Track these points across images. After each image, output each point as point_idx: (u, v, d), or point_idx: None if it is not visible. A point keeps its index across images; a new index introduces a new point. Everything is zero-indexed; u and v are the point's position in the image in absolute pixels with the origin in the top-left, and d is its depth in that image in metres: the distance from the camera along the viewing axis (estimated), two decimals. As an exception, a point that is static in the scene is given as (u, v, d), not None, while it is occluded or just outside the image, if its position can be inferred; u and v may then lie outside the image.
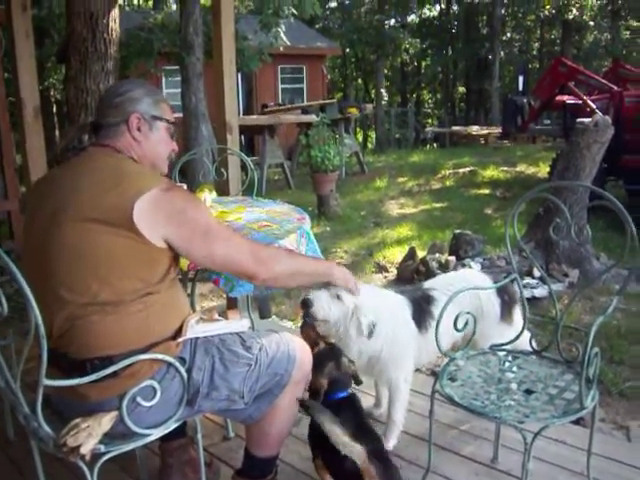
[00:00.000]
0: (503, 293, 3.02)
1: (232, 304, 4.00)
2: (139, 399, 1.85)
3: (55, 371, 1.83)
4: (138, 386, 1.85)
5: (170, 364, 1.92)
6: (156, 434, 1.96)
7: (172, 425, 1.99)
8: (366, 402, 3.22)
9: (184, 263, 2.28)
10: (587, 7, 28.23)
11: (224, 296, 5.04)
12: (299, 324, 2.59)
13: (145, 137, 2.06)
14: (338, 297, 2.49)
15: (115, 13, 4.95)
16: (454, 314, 2.34)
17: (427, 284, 3.08)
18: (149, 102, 2.07)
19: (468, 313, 2.37)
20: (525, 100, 12.93)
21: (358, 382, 2.42)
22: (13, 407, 2.00)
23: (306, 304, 2.48)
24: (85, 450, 1.77)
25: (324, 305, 2.48)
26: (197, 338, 2.05)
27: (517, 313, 3.09)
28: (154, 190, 1.84)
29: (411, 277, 6.42)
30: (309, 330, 2.43)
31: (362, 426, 2.21)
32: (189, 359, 2.01)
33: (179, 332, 1.99)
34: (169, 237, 1.88)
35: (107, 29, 4.84)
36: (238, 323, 2.21)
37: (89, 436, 1.79)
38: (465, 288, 2.68)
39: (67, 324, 1.83)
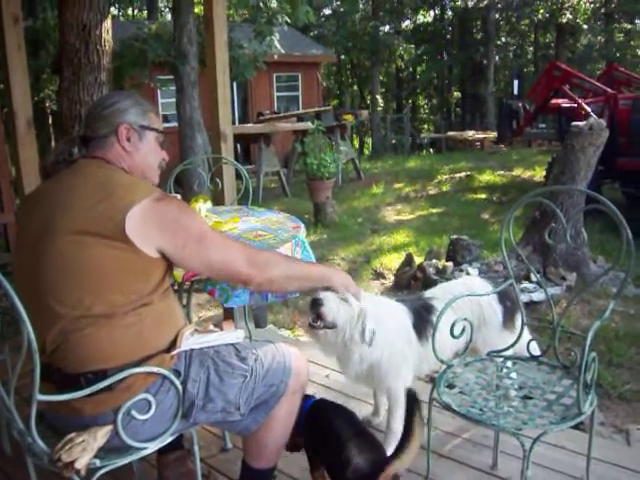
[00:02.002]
0: (505, 299, 3.00)
1: (228, 314, 3.98)
2: (134, 412, 1.84)
3: (49, 386, 1.82)
4: (133, 399, 1.83)
5: (165, 377, 1.91)
6: (152, 447, 1.94)
7: (168, 438, 1.97)
8: (365, 410, 3.22)
9: (179, 274, 2.28)
10: (580, 10, 28.34)
11: (221, 306, 5.02)
12: (304, 329, 2.55)
13: (135, 147, 2.06)
14: (345, 300, 2.43)
15: (108, 24, 4.95)
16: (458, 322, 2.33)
17: (428, 293, 3.06)
18: (137, 112, 2.07)
19: (465, 319, 2.36)
20: (520, 104, 12.95)
21: None
22: (8, 422, 1.99)
23: (316, 303, 2.39)
24: (80, 465, 1.76)
25: (333, 306, 2.41)
26: (192, 350, 2.04)
27: (519, 320, 3.06)
28: (146, 200, 1.83)
29: (408, 284, 6.44)
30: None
31: (362, 433, 2.20)
32: (184, 371, 1.99)
33: (174, 344, 1.98)
34: (163, 247, 1.87)
35: (100, 40, 4.84)
36: (233, 334, 2.20)
37: (84, 451, 1.77)
38: (462, 294, 2.68)
39: (60, 338, 1.82)
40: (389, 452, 2.75)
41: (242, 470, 2.29)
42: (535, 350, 2.68)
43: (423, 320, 2.83)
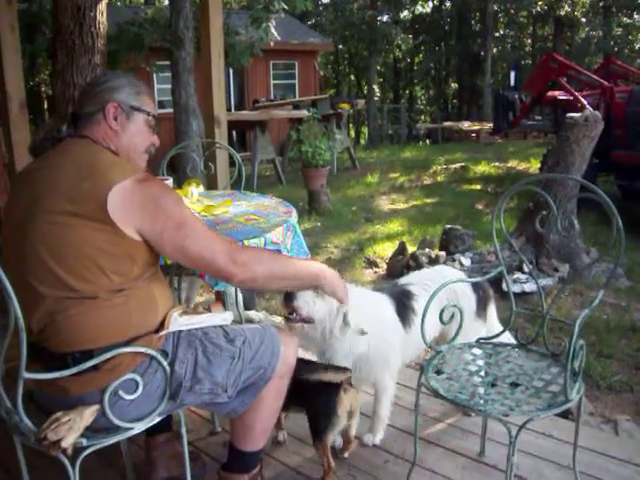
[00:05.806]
0: (478, 289, 3.02)
1: (219, 297, 3.97)
2: (121, 392, 1.84)
3: (37, 366, 1.81)
4: (120, 379, 1.83)
5: (152, 357, 1.90)
6: (139, 428, 1.94)
7: (155, 419, 1.98)
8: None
9: (168, 257, 2.28)
10: (579, 3, 28.32)
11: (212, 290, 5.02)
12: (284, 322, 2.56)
13: (122, 127, 2.02)
14: (321, 296, 2.42)
15: (102, 6, 4.91)
16: (435, 308, 2.33)
17: (403, 280, 3.05)
18: (129, 92, 2.03)
19: (454, 306, 2.35)
20: (516, 95, 12.93)
21: None
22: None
23: (289, 298, 2.42)
24: (66, 444, 1.76)
25: (308, 300, 2.42)
26: (180, 331, 2.04)
27: (491, 310, 3.09)
28: (128, 181, 1.80)
29: (401, 272, 6.42)
30: None
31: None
32: (172, 352, 1.99)
33: (162, 325, 1.98)
34: (142, 228, 1.84)
35: (94, 22, 4.80)
36: (221, 316, 2.19)
37: (70, 429, 1.77)
38: (452, 280, 2.68)
39: (47, 318, 1.81)
40: (377, 437, 2.80)
41: (229, 452, 2.31)
42: (509, 340, 2.70)
43: (405, 307, 2.83)
